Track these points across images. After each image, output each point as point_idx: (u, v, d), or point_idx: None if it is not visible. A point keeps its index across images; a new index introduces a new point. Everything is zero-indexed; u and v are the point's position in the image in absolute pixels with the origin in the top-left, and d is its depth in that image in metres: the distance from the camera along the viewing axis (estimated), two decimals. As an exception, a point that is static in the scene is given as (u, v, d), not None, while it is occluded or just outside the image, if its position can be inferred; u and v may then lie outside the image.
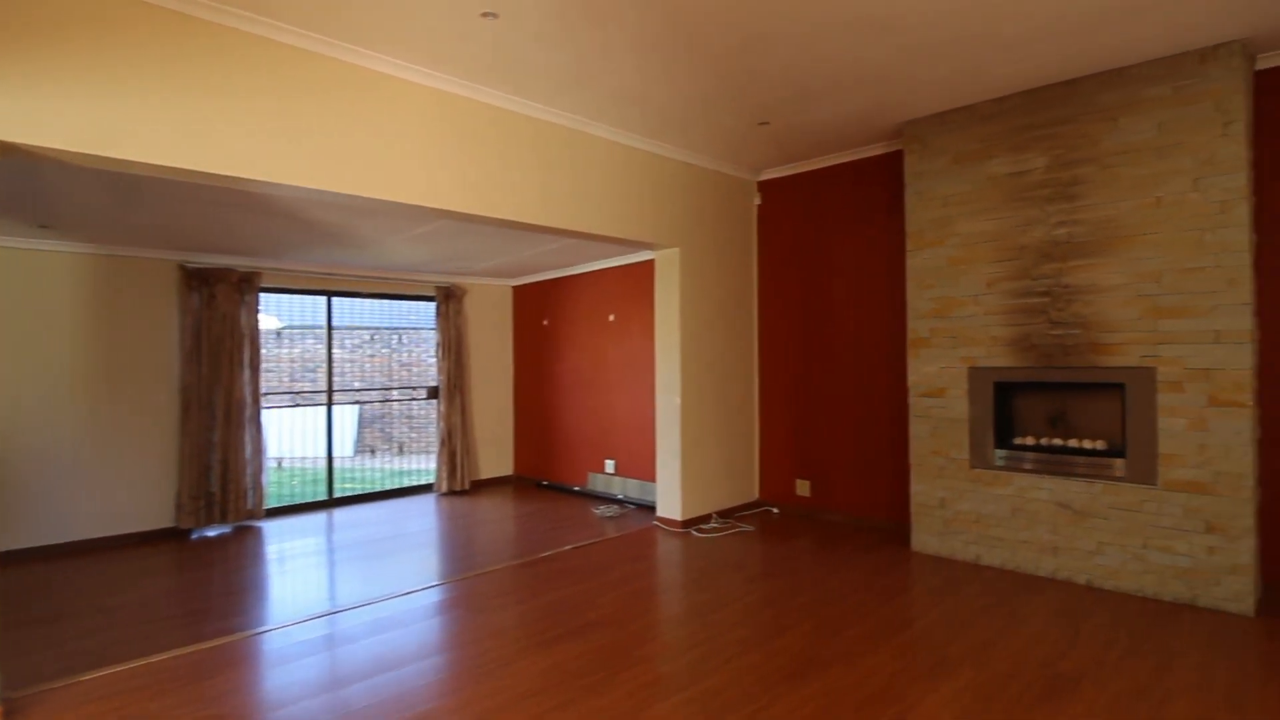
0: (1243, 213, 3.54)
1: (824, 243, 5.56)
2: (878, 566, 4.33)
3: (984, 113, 4.36)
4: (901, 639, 3.24)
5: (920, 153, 4.65)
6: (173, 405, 5.66)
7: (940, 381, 4.57)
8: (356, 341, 7.83)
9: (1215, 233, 3.61)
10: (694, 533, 5.21)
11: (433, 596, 3.97)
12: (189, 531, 5.66)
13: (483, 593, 4.00)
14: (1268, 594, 3.71)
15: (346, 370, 7.54)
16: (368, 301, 7.11)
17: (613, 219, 4.83)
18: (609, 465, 6.74)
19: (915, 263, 4.68)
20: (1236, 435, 3.55)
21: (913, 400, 4.69)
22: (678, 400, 5.32)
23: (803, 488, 5.67)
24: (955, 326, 4.50)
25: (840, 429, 5.43)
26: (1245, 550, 3.50)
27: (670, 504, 5.40)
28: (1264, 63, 3.73)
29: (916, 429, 4.67)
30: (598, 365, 6.91)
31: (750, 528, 5.32)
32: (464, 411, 7.36)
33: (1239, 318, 3.54)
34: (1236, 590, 3.51)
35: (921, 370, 4.65)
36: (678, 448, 5.33)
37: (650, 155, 5.10)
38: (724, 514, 5.63)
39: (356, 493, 6.97)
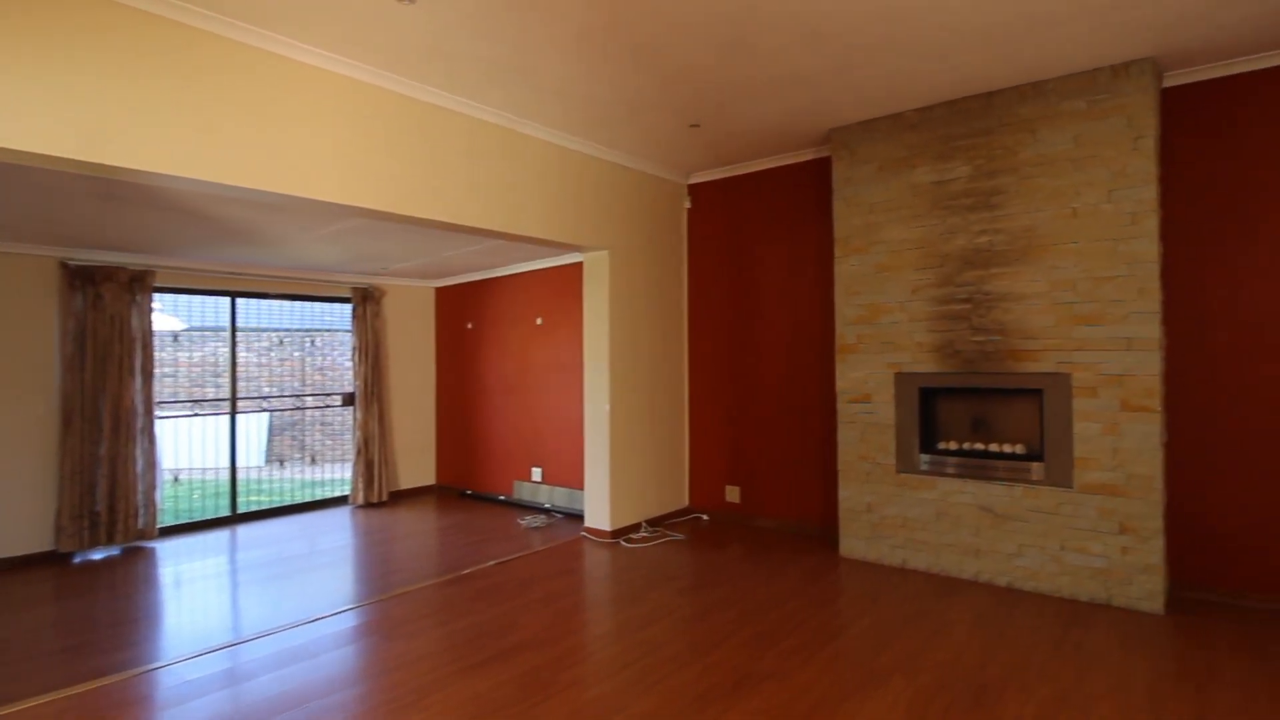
0: (1152, 224, 3.67)
1: (754, 247, 5.53)
2: (808, 573, 4.31)
3: (909, 121, 4.41)
4: (834, 649, 3.19)
5: (848, 160, 4.67)
6: (52, 416, 5.14)
7: (867, 387, 4.59)
8: (267, 345, 7.36)
9: (1127, 243, 3.73)
10: (623, 543, 5.08)
11: (345, 622, 3.70)
12: (70, 555, 5.15)
13: (400, 616, 3.75)
14: (1174, 592, 3.87)
15: (256, 375, 7.08)
16: (278, 303, 6.69)
17: (542, 220, 4.65)
18: (536, 473, 6.55)
19: (843, 269, 4.70)
20: (1146, 440, 3.68)
21: (841, 406, 4.70)
22: (607, 406, 5.19)
23: (733, 494, 5.63)
24: (882, 332, 4.53)
25: (770, 435, 5.41)
26: (1155, 550, 3.63)
27: (599, 513, 5.26)
28: (1170, 81, 3.89)
29: (844, 434, 4.69)
30: (524, 370, 6.70)
31: (681, 536, 5.23)
32: (382, 419, 7.02)
33: (1149, 326, 3.67)
34: (1148, 589, 3.64)
35: (849, 376, 4.67)
36: (607, 455, 5.20)
37: (581, 155, 4.96)
38: (654, 522, 5.53)
39: (264, 507, 6.53)
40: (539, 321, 6.55)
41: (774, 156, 5.34)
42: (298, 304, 6.85)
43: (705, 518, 5.76)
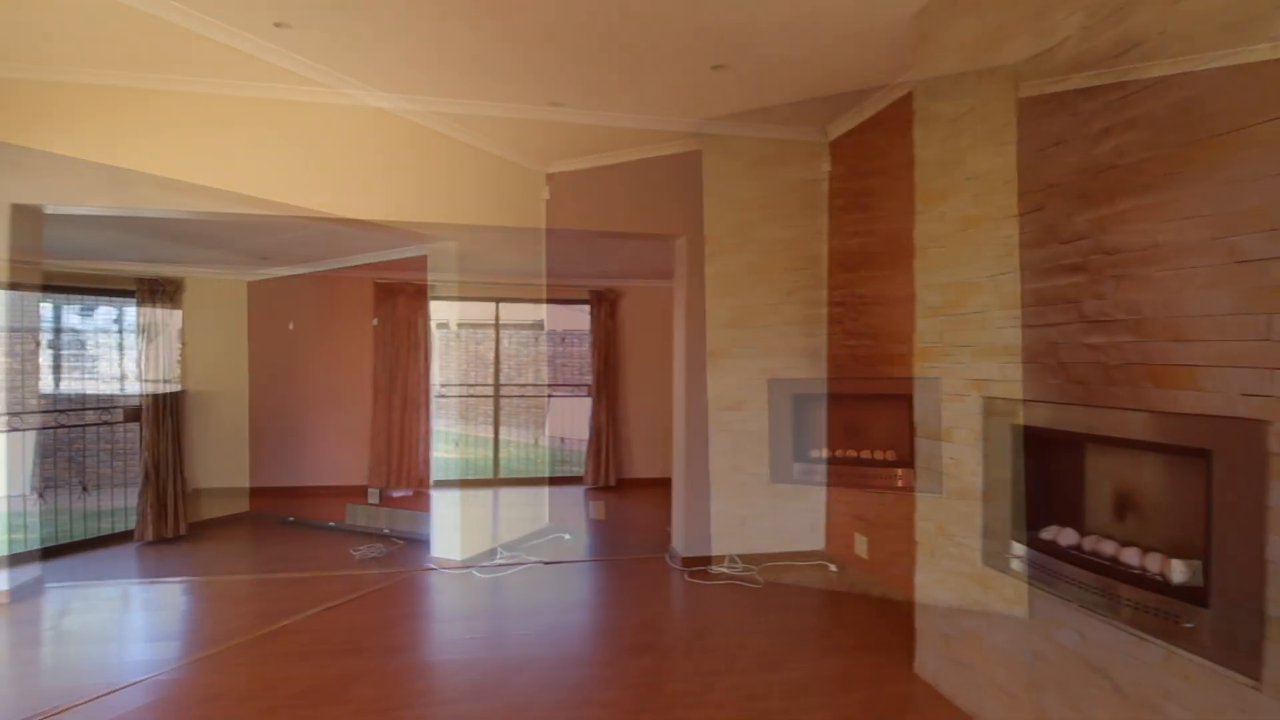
0: (1012, 230, 3.68)
1: (620, 245, 5.16)
2: (682, 596, 3.98)
3: (782, 116, 4.22)
4: (719, 692, 2.86)
5: (719, 153, 4.41)
6: None
7: (740, 394, 4.36)
8: (20, 348, 5.98)
9: (990, 248, 3.73)
10: (476, 572, 4.51)
11: (117, 705, 2.86)
12: None
13: (191, 695, 2.96)
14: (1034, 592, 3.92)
15: (17, 384, 5.73)
16: (34, 295, 5.42)
17: (369, 201, 3.96)
18: (372, 495, 5.77)
19: (714, 269, 4.43)
20: (1008, 443, 3.68)
21: (713, 414, 4.43)
22: (459, 419, 4.59)
23: (598, 510, 5.22)
24: (755, 336, 4.32)
25: (639, 443, 5.06)
26: (1018, 553, 3.64)
27: (448, 539, 4.65)
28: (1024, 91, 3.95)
29: (717, 444, 4.42)
30: (358, 377, 5.90)
31: (541, 559, 4.73)
32: (179, 436, 5.91)
33: (1010, 331, 3.67)
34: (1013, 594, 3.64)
35: (722, 381, 4.41)
36: (459, 472, 4.60)
37: (426, 129, 4.30)
38: (511, 546, 4.99)
39: (18, 550, 5.24)
40: (375, 322, 5.79)
41: (642, 147, 4.97)
42: (63, 297, 5.60)
43: (567, 536, 5.30)
